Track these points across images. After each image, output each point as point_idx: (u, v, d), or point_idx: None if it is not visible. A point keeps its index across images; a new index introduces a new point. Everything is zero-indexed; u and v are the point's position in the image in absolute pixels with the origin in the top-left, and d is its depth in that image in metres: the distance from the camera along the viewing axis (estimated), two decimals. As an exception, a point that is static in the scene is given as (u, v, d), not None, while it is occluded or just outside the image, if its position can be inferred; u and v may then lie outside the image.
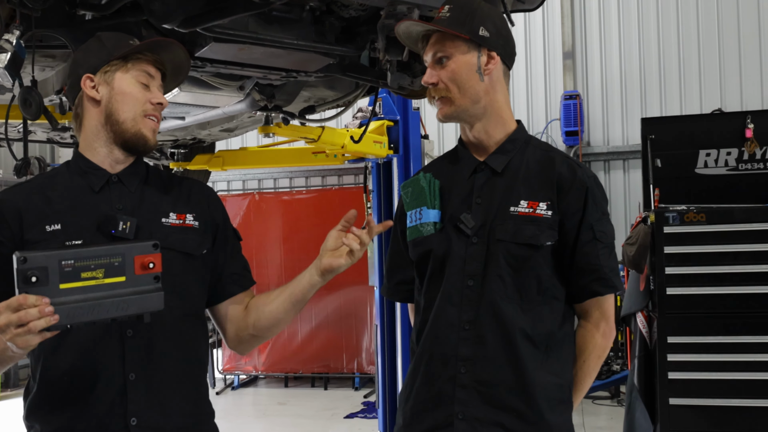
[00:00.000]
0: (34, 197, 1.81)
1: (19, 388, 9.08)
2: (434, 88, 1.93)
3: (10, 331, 1.48)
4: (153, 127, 1.84)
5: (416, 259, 2.00)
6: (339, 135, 4.68)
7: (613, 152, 9.05)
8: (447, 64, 1.91)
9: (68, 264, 1.56)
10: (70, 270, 1.56)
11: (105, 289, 1.60)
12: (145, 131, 1.82)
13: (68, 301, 1.55)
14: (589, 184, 1.92)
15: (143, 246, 1.65)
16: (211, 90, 3.30)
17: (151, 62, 1.86)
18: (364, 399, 8.16)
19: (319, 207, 8.94)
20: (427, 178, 1.99)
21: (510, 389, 1.84)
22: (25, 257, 1.53)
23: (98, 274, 1.59)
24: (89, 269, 1.58)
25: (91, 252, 1.60)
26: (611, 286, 1.92)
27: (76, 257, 1.58)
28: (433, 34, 1.94)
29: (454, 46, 1.91)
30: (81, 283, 1.57)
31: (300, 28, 2.71)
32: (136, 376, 1.75)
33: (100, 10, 2.47)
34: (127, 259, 1.62)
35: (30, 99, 2.29)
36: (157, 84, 1.87)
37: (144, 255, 1.63)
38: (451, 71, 1.90)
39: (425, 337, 1.94)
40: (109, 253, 1.61)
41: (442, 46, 1.92)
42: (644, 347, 4.58)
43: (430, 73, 1.93)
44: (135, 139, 1.82)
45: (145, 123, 1.82)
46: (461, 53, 1.91)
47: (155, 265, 1.64)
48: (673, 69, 8.92)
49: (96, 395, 1.73)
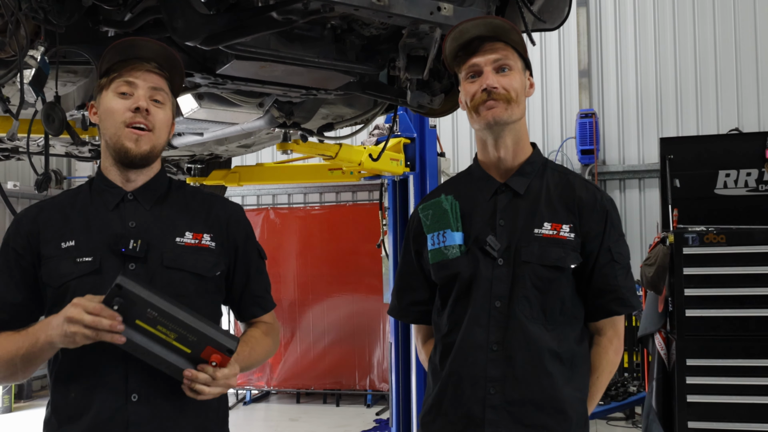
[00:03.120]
0: (54, 214, 1.83)
1: (32, 400, 9.09)
2: (494, 92, 1.90)
3: (76, 327, 1.57)
4: (135, 137, 1.79)
5: (441, 281, 1.99)
6: (356, 152, 4.68)
7: (628, 171, 9.00)
8: (509, 74, 1.92)
9: (152, 314, 1.63)
10: (151, 318, 1.63)
11: (169, 348, 1.66)
12: (126, 142, 1.79)
13: (134, 336, 1.63)
14: (609, 208, 1.97)
15: (220, 344, 1.68)
16: (230, 107, 3.31)
17: (129, 69, 1.81)
18: (377, 416, 8.10)
19: (332, 223, 8.95)
20: (449, 200, 1.99)
21: (540, 407, 1.86)
22: (121, 286, 1.60)
23: (171, 335, 1.65)
24: (166, 327, 1.65)
25: (177, 319, 1.65)
26: (629, 305, 1.96)
27: (161, 314, 1.63)
28: (487, 42, 1.93)
29: (515, 59, 1.94)
30: (153, 331, 1.65)
31: (321, 46, 2.71)
32: (139, 397, 1.73)
33: (122, 27, 2.49)
34: (200, 343, 1.66)
35: (53, 114, 2.30)
36: (144, 86, 1.81)
37: (216, 351, 1.67)
38: (515, 80, 1.92)
39: (452, 358, 1.94)
40: (189, 329, 1.65)
41: (508, 54, 1.93)
42: (662, 369, 4.53)
43: (493, 78, 1.91)
44: (118, 153, 1.81)
45: (125, 134, 1.78)
46: (519, 68, 1.95)
47: (218, 365, 1.68)
48: (689, 88, 8.88)
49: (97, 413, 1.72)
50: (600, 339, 2.00)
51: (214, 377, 1.67)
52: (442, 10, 2.50)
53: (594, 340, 2.01)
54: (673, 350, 4.43)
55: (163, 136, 1.86)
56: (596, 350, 2.00)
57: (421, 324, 2.16)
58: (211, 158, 5.19)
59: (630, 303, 1.96)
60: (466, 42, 1.95)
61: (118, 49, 1.82)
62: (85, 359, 1.73)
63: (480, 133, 1.99)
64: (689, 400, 4.31)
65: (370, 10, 2.36)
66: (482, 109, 1.91)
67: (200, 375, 1.66)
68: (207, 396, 1.69)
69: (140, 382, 1.74)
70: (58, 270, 1.76)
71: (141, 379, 1.73)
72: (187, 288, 1.80)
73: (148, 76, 1.82)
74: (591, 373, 1.99)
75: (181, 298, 1.71)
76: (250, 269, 1.96)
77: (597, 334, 2.01)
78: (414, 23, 2.51)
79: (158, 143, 1.84)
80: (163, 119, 1.84)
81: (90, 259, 1.75)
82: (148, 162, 1.85)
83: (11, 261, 1.80)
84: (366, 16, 2.45)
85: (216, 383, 1.68)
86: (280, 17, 2.31)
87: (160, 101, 1.83)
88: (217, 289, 1.89)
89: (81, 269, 1.75)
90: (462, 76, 1.98)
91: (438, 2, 2.49)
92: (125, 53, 1.82)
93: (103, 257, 1.76)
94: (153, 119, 1.81)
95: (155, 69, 1.83)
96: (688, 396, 4.31)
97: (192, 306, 1.73)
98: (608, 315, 1.97)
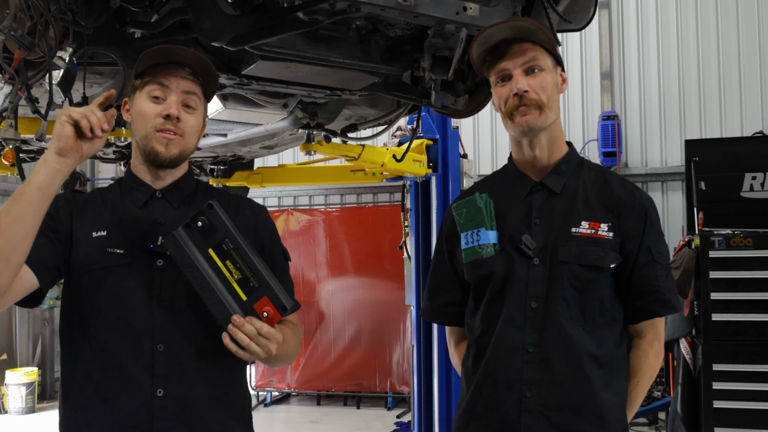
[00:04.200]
0: (88, 205, 1.86)
1: (55, 400, 9.17)
2: (525, 96, 1.87)
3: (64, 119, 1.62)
4: (165, 141, 1.81)
5: (474, 281, 1.96)
6: (379, 153, 4.67)
7: (651, 174, 8.92)
8: (539, 75, 1.89)
9: (228, 245, 1.66)
10: (224, 249, 1.66)
11: (228, 287, 1.66)
12: (156, 145, 1.81)
13: (201, 263, 1.65)
14: (648, 207, 1.93)
15: (277, 298, 1.67)
16: (254, 107, 3.32)
17: (164, 73, 1.83)
18: (397, 419, 8.08)
19: (353, 224, 8.94)
20: (483, 198, 1.97)
21: (577, 412, 1.82)
22: (212, 205, 1.66)
23: (235, 274, 1.66)
24: (235, 264, 1.66)
25: (247, 257, 1.67)
26: (671, 306, 1.92)
27: (236, 247, 1.66)
28: (514, 44, 1.90)
29: (544, 58, 1.91)
30: (220, 265, 1.66)
31: (346, 47, 2.71)
32: (164, 392, 1.74)
33: (149, 29, 2.50)
34: (259, 291, 1.67)
35: (80, 115, 2.31)
36: (177, 91, 1.83)
37: (271, 305, 1.67)
38: (546, 81, 1.89)
39: (486, 361, 1.91)
40: (254, 272, 1.67)
41: (536, 54, 1.89)
42: (688, 374, 4.48)
43: (523, 81, 1.87)
44: (148, 154, 1.83)
45: (155, 137, 1.81)
46: (549, 67, 1.91)
47: (269, 315, 1.67)
48: (713, 90, 8.79)
49: (123, 408, 1.73)
50: (640, 342, 1.95)
51: (260, 332, 1.64)
52: (467, 10, 2.49)
53: (633, 343, 1.96)
54: (699, 355, 4.37)
55: (192, 141, 1.88)
56: (636, 354, 1.95)
57: (453, 326, 2.13)
58: (234, 159, 5.21)
59: (672, 304, 1.91)
60: (493, 46, 1.92)
61: (154, 54, 1.84)
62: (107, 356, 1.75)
63: (515, 136, 1.97)
64: (716, 405, 4.25)
65: (396, 10, 2.35)
66: (516, 115, 1.89)
67: (247, 325, 1.64)
68: (242, 353, 1.65)
69: (166, 378, 1.74)
70: (89, 257, 1.78)
71: (167, 374, 1.74)
72: None
73: (181, 81, 1.83)
74: (630, 378, 1.94)
75: None
76: (276, 269, 1.95)
77: (636, 337, 1.95)
78: (440, 23, 2.50)
79: (187, 147, 1.86)
80: (193, 125, 1.86)
81: (122, 252, 1.78)
82: (177, 164, 1.87)
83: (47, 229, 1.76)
84: (392, 16, 2.45)
85: (258, 340, 1.64)
86: (307, 17, 2.31)
87: (191, 106, 1.85)
88: None
89: (111, 260, 1.77)
90: (492, 81, 1.96)
91: (464, 2, 2.47)
92: (161, 57, 1.84)
93: (134, 252, 1.78)
94: (183, 126, 1.82)
95: (189, 75, 1.85)
96: (714, 402, 4.25)
97: None
98: (649, 317, 1.92)
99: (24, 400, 8.51)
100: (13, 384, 8.53)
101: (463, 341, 2.09)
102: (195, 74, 1.86)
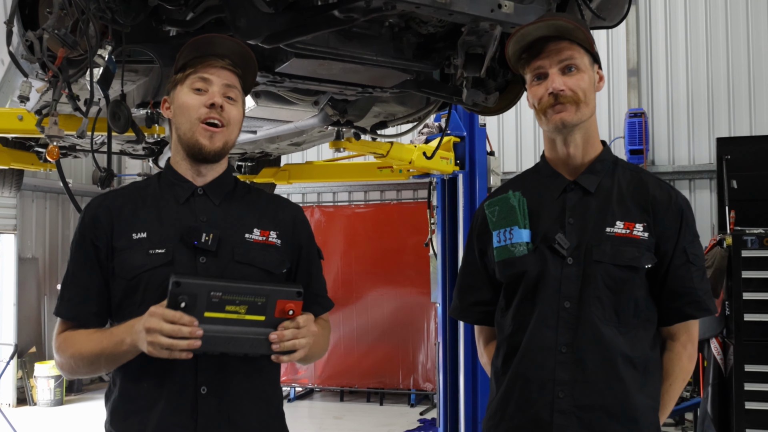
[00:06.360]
0: (126, 206, 1.85)
1: (83, 393, 9.29)
2: (561, 95, 1.86)
3: (156, 336, 1.58)
4: (210, 134, 1.81)
5: (506, 280, 1.95)
6: (407, 150, 4.67)
7: (678, 172, 8.82)
8: (576, 74, 1.87)
9: (216, 295, 1.63)
10: (216, 301, 1.64)
11: (244, 324, 1.66)
12: (200, 138, 1.81)
13: (209, 330, 1.63)
14: (684, 207, 1.91)
15: (288, 291, 1.69)
16: (286, 105, 3.33)
17: (205, 65, 1.83)
18: (420, 416, 8.09)
19: (377, 221, 8.96)
20: (516, 196, 1.95)
21: (611, 414, 1.80)
22: (179, 282, 1.61)
23: (241, 310, 1.66)
24: (234, 303, 1.65)
25: (240, 288, 1.66)
26: (705, 309, 1.89)
27: (225, 290, 1.64)
28: (551, 42, 1.88)
29: (582, 57, 1.89)
30: (224, 315, 1.65)
31: (379, 44, 2.71)
32: (208, 390, 1.75)
33: (185, 26, 2.52)
34: (270, 301, 1.67)
35: (119, 112, 2.34)
36: (219, 83, 1.82)
37: (287, 300, 1.68)
38: (582, 79, 1.87)
39: (518, 360, 1.89)
40: (255, 293, 1.66)
41: (573, 53, 1.88)
42: (718, 375, 4.43)
43: (560, 80, 1.86)
44: (192, 148, 1.83)
45: (199, 130, 1.80)
46: (586, 65, 1.89)
47: (294, 312, 1.68)
48: (742, 87, 8.66)
49: (166, 406, 1.74)
50: (673, 344, 1.92)
51: (297, 325, 1.68)
52: (502, 7, 2.47)
53: (667, 345, 1.93)
54: (730, 355, 4.33)
55: (235, 132, 1.87)
56: (669, 356, 1.92)
57: (483, 325, 2.11)
58: (262, 156, 5.24)
59: (706, 306, 1.88)
60: (529, 43, 1.91)
61: (194, 46, 1.84)
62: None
63: (549, 133, 1.95)
64: (747, 407, 4.21)
65: (431, 7, 2.34)
66: (551, 112, 1.87)
67: (284, 331, 1.67)
68: (299, 352, 1.69)
69: (210, 376, 1.75)
70: (132, 262, 1.78)
71: (211, 372, 1.75)
72: None
73: (222, 73, 1.83)
74: (663, 381, 1.91)
75: None
76: (312, 268, 1.97)
77: (670, 339, 1.92)
78: (474, 21, 2.49)
79: (230, 139, 1.86)
80: (235, 116, 1.86)
81: (163, 251, 1.77)
82: (220, 158, 1.87)
83: (90, 253, 1.81)
84: (426, 14, 2.44)
85: (301, 332, 1.69)
86: (342, 15, 2.31)
87: (232, 98, 1.85)
88: None
89: (153, 261, 1.77)
90: (528, 78, 1.94)
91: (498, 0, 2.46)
92: (201, 50, 1.84)
93: (175, 249, 1.77)
94: (227, 115, 1.82)
95: (230, 66, 1.85)
96: (746, 402, 4.20)
97: None
98: (683, 319, 1.90)
99: (53, 393, 8.63)
100: (42, 377, 8.65)
101: (493, 341, 2.07)
102: (235, 65, 1.86)
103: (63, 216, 10.09)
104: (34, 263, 9.53)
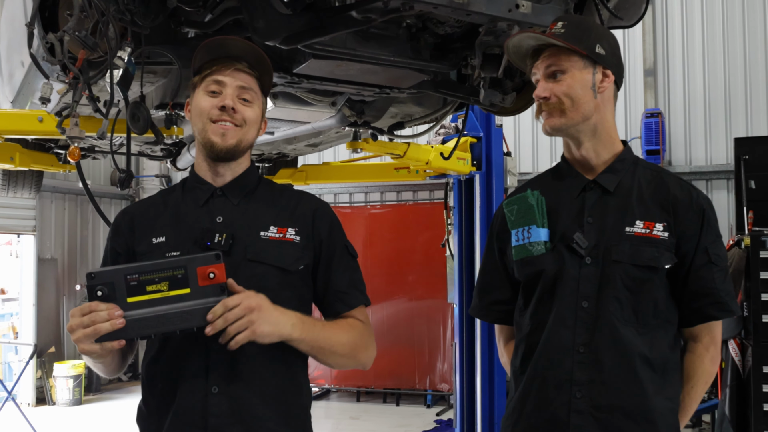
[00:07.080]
0: (149, 211, 1.89)
1: (101, 393, 9.37)
2: (545, 102, 1.88)
3: (78, 333, 1.57)
4: (222, 131, 1.82)
5: (524, 279, 1.94)
6: (424, 151, 4.68)
7: (695, 172, 8.76)
8: (562, 78, 1.87)
9: (133, 278, 1.61)
10: (135, 284, 1.61)
11: (171, 301, 1.63)
12: (212, 137, 1.82)
13: (135, 314, 1.60)
14: (705, 207, 1.89)
15: (205, 257, 1.66)
16: (303, 106, 3.34)
17: (219, 68, 1.84)
18: (437, 417, 8.08)
19: (394, 222, 8.97)
20: (535, 195, 1.95)
21: (628, 415, 1.79)
22: (93, 274, 1.60)
23: (163, 287, 1.63)
24: (154, 282, 1.62)
25: (155, 266, 1.64)
26: (728, 310, 1.87)
27: (140, 271, 1.62)
28: (547, 48, 1.90)
29: (570, 61, 1.87)
30: (147, 296, 1.61)
31: (396, 45, 2.71)
32: (219, 390, 1.75)
33: (203, 28, 2.54)
34: (189, 271, 1.64)
35: (138, 114, 2.36)
36: (233, 85, 1.83)
37: (206, 266, 1.64)
38: (567, 86, 1.87)
39: (536, 360, 1.89)
40: (171, 266, 1.64)
41: (557, 60, 1.88)
42: (736, 376, 4.40)
43: (543, 86, 1.88)
44: (206, 147, 1.85)
45: (212, 129, 1.82)
46: (577, 69, 1.88)
47: (216, 275, 1.64)
48: (760, 86, 8.60)
49: (179, 405, 1.75)
50: (695, 346, 1.90)
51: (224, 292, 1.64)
52: (520, 7, 2.47)
53: (688, 346, 1.91)
54: (748, 357, 4.29)
55: (251, 132, 1.88)
56: (690, 358, 1.90)
57: (503, 324, 2.11)
58: (279, 157, 5.26)
59: (729, 307, 1.86)
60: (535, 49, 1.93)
61: (208, 48, 1.86)
62: (169, 354, 1.78)
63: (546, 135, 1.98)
64: (766, 408, 4.18)
65: (449, 8, 2.35)
66: (542, 117, 1.91)
67: (216, 307, 1.62)
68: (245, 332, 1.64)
69: (221, 376, 1.75)
70: None
71: (222, 372, 1.75)
72: (270, 281, 1.80)
73: (237, 75, 1.84)
74: (684, 383, 1.89)
75: (264, 291, 1.71)
76: (332, 263, 1.92)
77: (692, 341, 1.90)
78: (492, 21, 2.49)
79: (245, 138, 1.87)
80: (250, 116, 1.86)
81: (177, 254, 1.77)
82: (235, 156, 1.88)
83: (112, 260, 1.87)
84: (444, 14, 2.44)
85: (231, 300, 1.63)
86: (360, 16, 2.32)
87: (248, 100, 1.86)
88: (303, 284, 1.89)
89: None
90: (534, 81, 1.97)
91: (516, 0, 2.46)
92: (215, 52, 1.85)
93: (190, 252, 1.77)
94: (240, 117, 1.84)
95: (244, 68, 1.85)
96: (764, 404, 4.17)
97: (276, 299, 1.72)
98: (705, 320, 1.87)
99: (71, 392, 8.70)
100: (61, 376, 8.73)
101: (512, 340, 2.06)
102: (250, 67, 1.87)
103: (82, 217, 10.19)
104: (53, 264, 9.62)
